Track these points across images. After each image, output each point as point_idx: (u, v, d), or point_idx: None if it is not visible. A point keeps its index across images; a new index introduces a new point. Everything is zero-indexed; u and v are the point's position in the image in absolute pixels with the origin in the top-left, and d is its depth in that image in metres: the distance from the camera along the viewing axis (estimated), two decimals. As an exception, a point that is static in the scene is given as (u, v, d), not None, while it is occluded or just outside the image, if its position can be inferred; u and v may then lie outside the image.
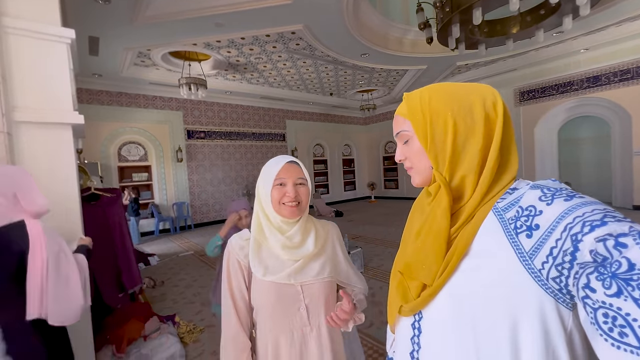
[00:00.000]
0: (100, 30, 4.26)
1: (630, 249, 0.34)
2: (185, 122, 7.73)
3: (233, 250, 0.89)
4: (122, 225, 2.56)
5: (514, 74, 7.44)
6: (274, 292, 0.83)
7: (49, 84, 1.50)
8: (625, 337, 0.33)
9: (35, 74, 1.46)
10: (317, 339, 0.86)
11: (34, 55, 1.46)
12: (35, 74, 1.47)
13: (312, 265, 0.87)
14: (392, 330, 0.67)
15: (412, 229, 0.61)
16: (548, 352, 0.43)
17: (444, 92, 0.54)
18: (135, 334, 2.17)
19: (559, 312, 0.43)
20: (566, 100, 6.87)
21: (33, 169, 1.43)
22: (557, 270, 0.41)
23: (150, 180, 7.25)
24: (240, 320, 0.85)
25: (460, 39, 3.91)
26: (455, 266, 0.50)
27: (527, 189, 0.49)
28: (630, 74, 5.98)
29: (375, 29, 5.23)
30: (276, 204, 0.85)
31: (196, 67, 5.97)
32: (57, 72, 1.53)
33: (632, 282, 0.33)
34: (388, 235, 5.84)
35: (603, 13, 4.70)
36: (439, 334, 0.53)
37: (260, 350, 0.86)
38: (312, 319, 0.86)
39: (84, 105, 6.18)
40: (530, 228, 0.44)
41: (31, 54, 1.46)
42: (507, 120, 0.52)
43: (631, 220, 0.37)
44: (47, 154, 1.48)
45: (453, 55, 5.91)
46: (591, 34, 5.58)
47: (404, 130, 0.58)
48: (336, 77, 7.24)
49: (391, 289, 0.63)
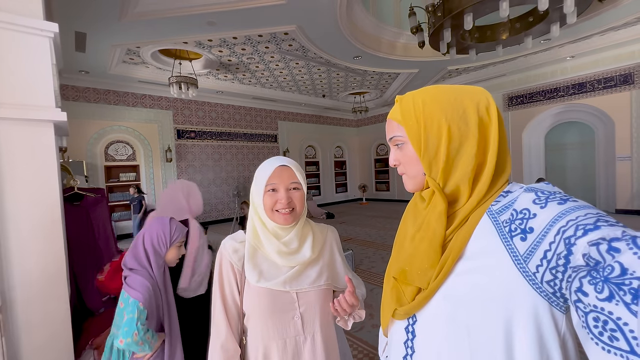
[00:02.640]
0: (87, 25, 4.15)
1: (622, 253, 0.34)
2: (175, 121, 7.60)
3: (226, 253, 0.85)
4: (107, 226, 2.49)
5: (503, 80, 7.59)
6: (268, 298, 0.80)
7: (29, 79, 1.44)
8: (615, 341, 0.33)
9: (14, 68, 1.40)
10: (311, 348, 0.82)
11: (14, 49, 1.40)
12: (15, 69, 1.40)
13: (308, 272, 0.84)
14: (385, 334, 0.67)
15: (406, 233, 0.60)
16: (542, 355, 0.43)
17: (438, 96, 0.54)
18: (118, 339, 2.09)
19: (552, 316, 0.43)
20: (553, 106, 7.05)
21: (12, 167, 1.37)
22: (551, 274, 0.41)
23: (138, 181, 7.09)
24: (230, 326, 0.82)
25: (452, 43, 3.96)
26: (450, 269, 0.50)
27: (521, 192, 0.49)
28: (613, 81, 6.18)
29: (368, 32, 5.26)
30: (269, 211, 0.81)
31: (187, 66, 5.89)
32: (38, 67, 1.46)
33: (624, 286, 0.33)
34: (379, 237, 5.85)
35: (588, 22, 4.85)
36: (433, 337, 0.52)
37: (251, 358, 0.82)
38: (306, 328, 0.82)
39: (69, 102, 6.02)
40: (524, 231, 0.44)
41: (10, 48, 1.40)
42: (501, 123, 0.52)
43: (624, 225, 0.37)
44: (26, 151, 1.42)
45: (444, 59, 6.00)
46: (577, 42, 5.75)
47: (397, 135, 0.57)
48: (329, 78, 7.25)
49: (385, 292, 0.62)
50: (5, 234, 1.33)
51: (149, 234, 1.25)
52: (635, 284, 0.32)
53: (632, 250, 0.33)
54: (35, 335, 1.39)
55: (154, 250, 1.23)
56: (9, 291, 1.33)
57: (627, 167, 6.21)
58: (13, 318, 1.34)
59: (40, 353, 1.40)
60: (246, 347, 0.84)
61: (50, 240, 1.45)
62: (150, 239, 1.24)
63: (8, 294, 1.33)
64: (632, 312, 0.32)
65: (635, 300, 0.31)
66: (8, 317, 1.32)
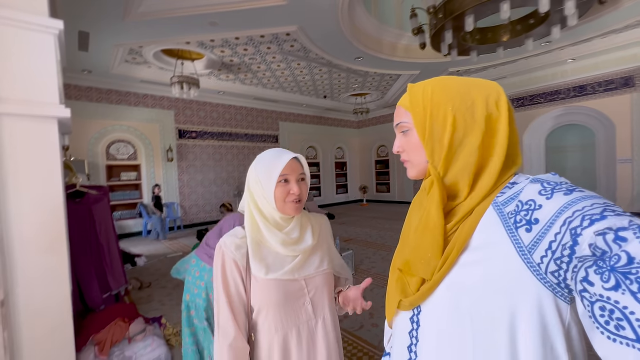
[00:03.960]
0: (90, 25, 4.17)
1: (629, 242, 0.34)
2: (176, 121, 7.62)
3: (228, 250, 0.83)
4: (108, 224, 2.49)
5: (504, 82, 7.60)
6: (279, 289, 0.81)
7: (34, 75, 1.45)
8: (622, 330, 0.33)
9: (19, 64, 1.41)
10: (323, 330, 0.87)
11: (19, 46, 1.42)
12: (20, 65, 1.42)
13: (312, 259, 0.88)
14: (390, 326, 0.67)
15: (411, 225, 0.60)
16: (546, 346, 0.43)
17: (448, 86, 0.54)
18: (119, 336, 2.10)
19: (557, 306, 0.43)
20: (553, 108, 7.06)
21: (15, 162, 1.38)
22: (556, 264, 0.41)
23: (139, 180, 7.10)
24: (238, 324, 0.81)
25: (453, 45, 3.98)
26: (454, 260, 0.50)
27: (526, 183, 0.49)
28: (614, 84, 6.18)
29: (369, 33, 5.28)
30: (280, 201, 0.82)
31: (189, 66, 5.91)
32: (43, 64, 1.48)
33: (630, 275, 0.33)
34: (379, 238, 5.84)
35: (589, 25, 4.86)
36: (437, 327, 0.52)
37: (263, 352, 0.82)
38: (317, 312, 0.87)
39: (72, 101, 6.04)
40: (529, 222, 0.44)
41: (15, 44, 1.41)
42: (511, 116, 0.52)
43: (630, 214, 0.37)
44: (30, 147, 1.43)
45: (445, 61, 6.01)
46: (577, 45, 5.76)
47: (403, 121, 0.57)
48: (330, 79, 7.27)
49: (390, 284, 0.63)
50: (8, 228, 1.34)
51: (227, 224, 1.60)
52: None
53: (639, 239, 0.33)
54: (37, 330, 1.40)
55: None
56: (12, 285, 1.34)
57: (628, 170, 6.21)
58: (15, 312, 1.35)
59: (42, 347, 1.41)
60: (257, 342, 0.83)
61: (52, 235, 1.46)
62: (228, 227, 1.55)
63: (11, 288, 1.34)
64: (638, 300, 0.32)
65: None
66: (10, 310, 1.33)
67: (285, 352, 0.82)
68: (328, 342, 0.87)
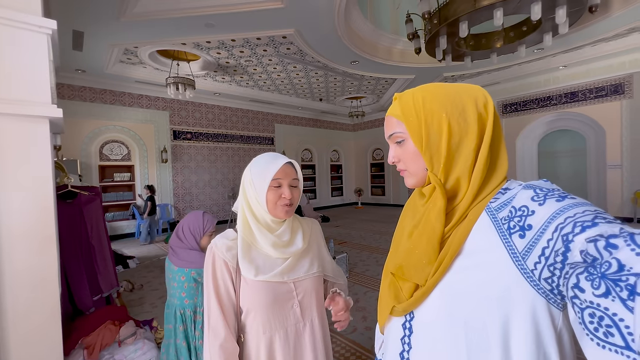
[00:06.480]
0: (85, 24, 4.13)
1: (620, 250, 0.34)
2: (171, 122, 7.57)
3: (219, 251, 0.84)
4: (100, 225, 2.46)
5: (498, 87, 7.71)
6: (268, 291, 0.82)
7: (25, 75, 1.43)
8: (610, 337, 0.33)
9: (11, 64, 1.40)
10: (310, 333, 0.88)
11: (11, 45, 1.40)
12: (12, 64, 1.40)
13: (302, 262, 0.89)
14: (382, 331, 0.66)
15: (404, 230, 0.60)
16: (539, 352, 0.43)
17: (437, 92, 0.54)
18: (109, 339, 2.06)
19: (550, 312, 0.43)
20: (546, 114, 7.17)
21: (5, 162, 1.36)
22: (549, 271, 0.41)
23: (132, 181, 7.03)
24: (228, 325, 0.81)
25: (447, 50, 4.03)
26: (448, 266, 0.50)
27: (519, 189, 0.49)
28: (604, 91, 6.31)
29: (365, 37, 5.32)
30: (272, 204, 0.84)
31: (185, 67, 5.88)
32: (36, 64, 1.46)
33: (620, 282, 0.32)
34: (373, 241, 5.86)
35: (580, 33, 4.96)
36: (430, 334, 0.52)
37: (252, 352, 0.83)
38: (305, 314, 0.88)
39: (65, 101, 5.97)
40: (523, 228, 0.44)
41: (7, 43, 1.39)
42: (497, 120, 0.53)
43: (621, 222, 0.38)
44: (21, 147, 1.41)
45: (440, 66, 6.08)
46: (569, 52, 5.87)
47: (397, 131, 0.57)
48: (326, 82, 7.30)
49: (382, 289, 0.62)
50: (-3, 229, 1.32)
51: (187, 223, 1.56)
52: (632, 280, 0.31)
53: (629, 246, 0.33)
54: (24, 333, 1.37)
55: (192, 237, 1.55)
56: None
57: (618, 175, 6.32)
58: (2, 314, 1.32)
59: (29, 350, 1.38)
60: (246, 342, 0.84)
61: (42, 236, 1.43)
62: (188, 227, 1.55)
63: (-2, 291, 1.31)
64: (628, 308, 0.31)
65: (631, 297, 0.31)
66: (-3, 314, 1.30)
67: (270, 354, 0.82)
68: (315, 346, 0.87)
